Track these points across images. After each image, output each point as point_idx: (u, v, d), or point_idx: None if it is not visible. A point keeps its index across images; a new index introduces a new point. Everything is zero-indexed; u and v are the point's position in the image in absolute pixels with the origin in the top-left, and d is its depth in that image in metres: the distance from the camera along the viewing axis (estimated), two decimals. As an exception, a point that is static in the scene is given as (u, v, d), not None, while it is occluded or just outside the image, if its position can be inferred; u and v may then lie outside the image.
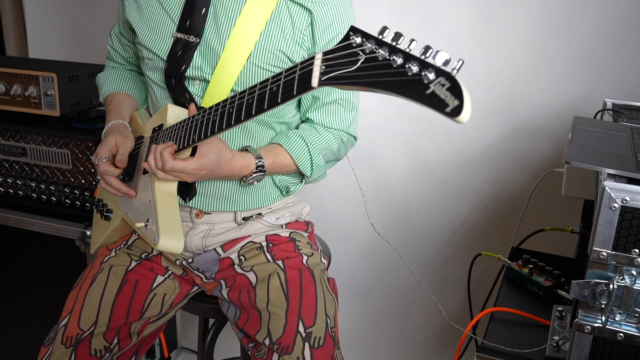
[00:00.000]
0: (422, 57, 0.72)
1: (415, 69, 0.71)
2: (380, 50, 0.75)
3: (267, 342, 1.15)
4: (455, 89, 0.67)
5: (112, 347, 1.22)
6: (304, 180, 1.32)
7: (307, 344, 1.13)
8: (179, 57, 1.21)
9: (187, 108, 1.22)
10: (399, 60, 0.73)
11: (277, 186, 1.31)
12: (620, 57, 1.69)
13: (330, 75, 0.80)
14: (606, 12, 1.67)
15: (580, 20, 1.70)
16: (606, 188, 0.92)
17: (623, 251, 0.93)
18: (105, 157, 1.22)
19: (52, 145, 1.78)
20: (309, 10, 1.17)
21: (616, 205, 0.92)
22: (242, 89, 1.20)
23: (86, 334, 1.20)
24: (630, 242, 0.93)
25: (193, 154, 1.12)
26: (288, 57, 1.20)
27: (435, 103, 0.69)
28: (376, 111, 1.95)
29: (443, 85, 0.68)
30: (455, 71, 0.69)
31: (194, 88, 1.23)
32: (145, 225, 1.18)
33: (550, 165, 1.76)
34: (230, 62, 1.18)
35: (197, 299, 1.37)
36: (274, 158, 1.22)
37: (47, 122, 1.80)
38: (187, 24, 1.21)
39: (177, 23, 1.22)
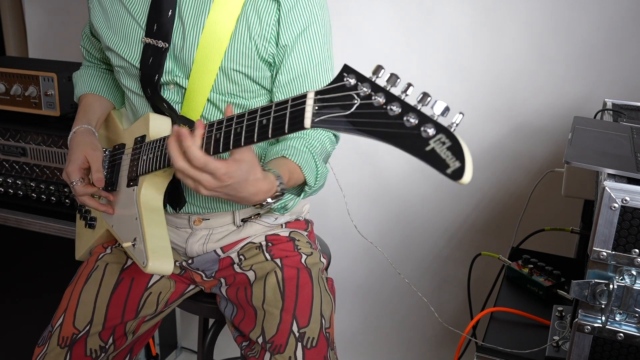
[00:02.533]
0: (420, 105, 0.69)
1: (413, 121, 0.68)
2: (376, 96, 0.72)
3: (260, 340, 1.15)
4: (456, 149, 0.65)
5: (107, 346, 1.22)
6: (302, 195, 1.15)
7: (299, 344, 1.13)
8: (151, 64, 1.17)
9: (167, 116, 1.19)
10: (397, 110, 0.70)
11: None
12: (620, 57, 1.69)
13: (323, 117, 0.77)
14: (606, 12, 1.67)
15: (580, 20, 1.70)
16: (606, 188, 0.92)
17: (623, 251, 0.93)
18: (79, 178, 1.20)
19: (52, 145, 1.77)
20: (278, 2, 1.13)
21: (616, 205, 0.92)
22: (219, 94, 1.16)
23: (82, 333, 1.19)
24: (630, 242, 0.93)
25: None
26: (260, 57, 1.15)
27: (435, 161, 0.66)
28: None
29: (443, 143, 0.66)
30: (454, 126, 0.67)
31: (170, 94, 1.20)
32: (133, 245, 1.13)
33: (550, 165, 1.76)
34: (204, 66, 1.14)
35: (197, 299, 1.37)
36: (289, 176, 1.07)
37: (47, 122, 1.80)
38: (155, 28, 1.17)
39: (144, 28, 1.18)
